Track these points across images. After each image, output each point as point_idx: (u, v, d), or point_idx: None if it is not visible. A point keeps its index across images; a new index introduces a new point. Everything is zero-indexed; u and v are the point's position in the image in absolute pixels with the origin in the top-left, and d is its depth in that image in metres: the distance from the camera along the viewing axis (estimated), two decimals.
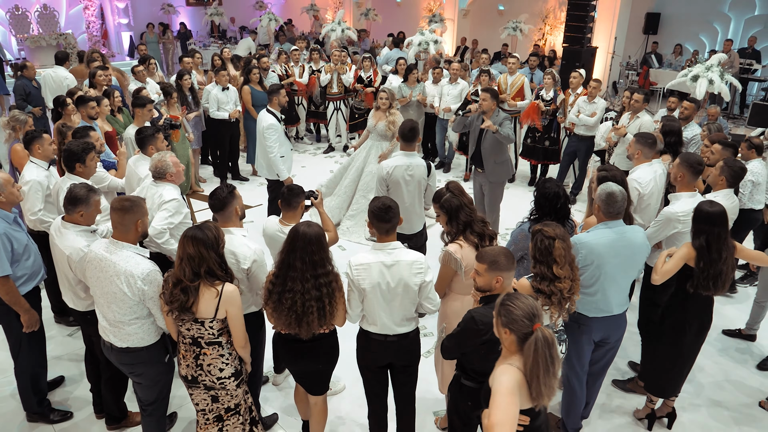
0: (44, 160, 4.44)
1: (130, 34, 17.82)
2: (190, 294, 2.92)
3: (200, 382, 3.12)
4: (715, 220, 3.41)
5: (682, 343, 3.66)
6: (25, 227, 3.83)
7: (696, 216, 3.49)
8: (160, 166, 3.91)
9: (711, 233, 3.41)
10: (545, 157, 8.25)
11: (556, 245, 3.01)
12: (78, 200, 3.39)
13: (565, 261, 3.03)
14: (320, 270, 3.00)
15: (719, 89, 7.45)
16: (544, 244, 3.04)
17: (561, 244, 3.02)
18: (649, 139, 4.40)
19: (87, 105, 5.60)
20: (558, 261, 3.01)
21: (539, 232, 3.09)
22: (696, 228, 3.48)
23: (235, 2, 20.04)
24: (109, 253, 3.12)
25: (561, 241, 3.02)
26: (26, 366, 3.83)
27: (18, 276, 3.61)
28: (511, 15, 15.17)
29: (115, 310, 3.14)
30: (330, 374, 3.45)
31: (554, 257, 3.01)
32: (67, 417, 4.03)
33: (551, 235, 3.03)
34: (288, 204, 3.59)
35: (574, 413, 3.82)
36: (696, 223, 3.48)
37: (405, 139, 4.68)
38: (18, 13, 15.85)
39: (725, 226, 3.44)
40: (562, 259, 3.02)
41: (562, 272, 3.02)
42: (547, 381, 2.28)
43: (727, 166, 4.07)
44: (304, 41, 10.74)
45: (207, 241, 2.92)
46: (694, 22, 14.29)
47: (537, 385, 2.29)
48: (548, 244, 3.02)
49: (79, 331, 4.92)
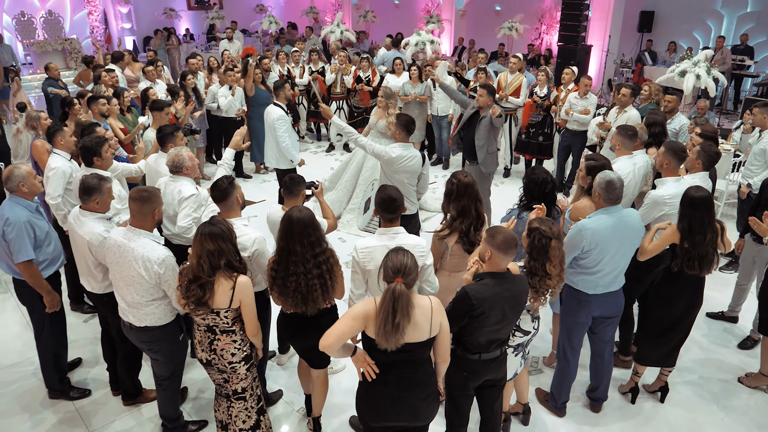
0: (66, 151, 4.74)
1: (134, 38, 18.11)
2: (207, 289, 3.10)
3: (214, 366, 3.35)
4: (698, 204, 3.62)
5: (671, 315, 3.91)
6: (46, 216, 4.10)
7: (682, 200, 3.70)
8: (176, 160, 4.16)
9: (694, 217, 3.63)
10: (539, 152, 8.49)
11: (553, 245, 3.16)
12: (92, 189, 3.66)
13: (558, 259, 3.20)
14: (317, 249, 3.22)
15: (706, 84, 7.69)
16: (541, 243, 3.17)
17: (556, 243, 3.17)
18: (629, 131, 4.65)
19: (98, 102, 5.89)
20: (552, 260, 3.18)
21: (537, 230, 3.19)
22: (681, 212, 3.70)
23: (235, 6, 20.33)
24: (128, 240, 3.38)
25: (557, 241, 3.18)
26: (48, 345, 4.10)
27: (40, 261, 3.88)
28: (508, 15, 15.41)
29: (133, 292, 3.40)
30: None
31: (549, 256, 3.18)
32: (86, 394, 4.30)
33: (549, 235, 3.16)
34: (290, 192, 3.84)
35: (566, 386, 4.06)
36: (682, 207, 3.70)
37: (408, 131, 4.92)
38: (24, 19, 16.17)
39: (709, 209, 3.66)
40: (556, 258, 3.19)
41: (554, 270, 3.19)
42: (385, 326, 2.63)
43: (703, 151, 4.32)
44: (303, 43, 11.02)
45: (223, 234, 3.10)
46: (687, 19, 14.52)
47: (377, 323, 2.66)
48: (545, 243, 3.16)
49: (93, 317, 5.22)
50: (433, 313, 2.77)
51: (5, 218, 3.76)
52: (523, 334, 3.50)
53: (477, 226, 3.67)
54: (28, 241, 3.77)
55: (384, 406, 2.92)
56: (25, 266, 3.78)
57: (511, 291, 3.02)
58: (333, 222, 4.04)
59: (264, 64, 9.16)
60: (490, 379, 3.24)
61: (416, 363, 2.86)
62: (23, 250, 3.75)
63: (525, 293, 3.12)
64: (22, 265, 3.77)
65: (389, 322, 2.62)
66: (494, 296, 2.95)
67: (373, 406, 2.96)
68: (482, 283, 3.01)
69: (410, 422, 2.97)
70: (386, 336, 2.65)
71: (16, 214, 3.77)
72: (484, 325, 2.99)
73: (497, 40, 14.92)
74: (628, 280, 3.84)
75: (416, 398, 2.90)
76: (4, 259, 3.90)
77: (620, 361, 4.58)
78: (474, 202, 3.70)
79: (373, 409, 2.96)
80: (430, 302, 2.79)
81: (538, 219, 3.31)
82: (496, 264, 3.00)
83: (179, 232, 4.08)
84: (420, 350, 2.82)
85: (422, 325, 2.74)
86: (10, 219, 3.74)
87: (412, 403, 2.91)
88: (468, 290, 2.97)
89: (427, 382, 2.93)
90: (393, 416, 2.93)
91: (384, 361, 2.83)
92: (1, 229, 3.77)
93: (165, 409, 3.81)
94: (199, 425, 3.99)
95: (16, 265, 3.80)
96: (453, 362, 3.17)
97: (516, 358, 3.58)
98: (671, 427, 4.09)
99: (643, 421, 4.13)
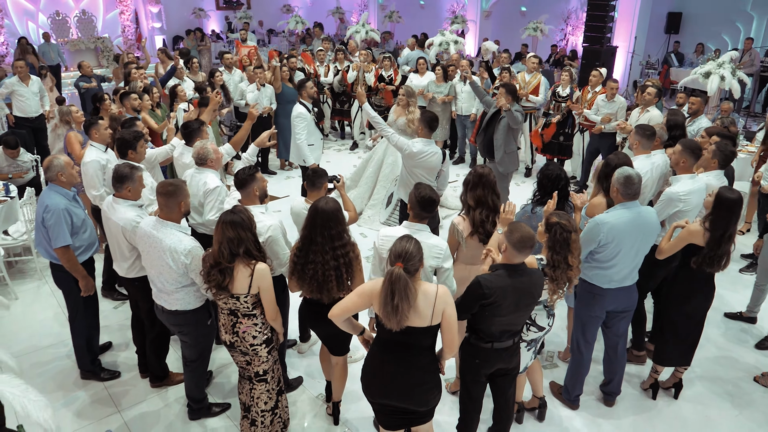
0: (101, 143, 4.96)
1: (163, 37, 18.52)
2: (226, 274, 3.27)
3: (237, 348, 3.51)
4: (731, 205, 3.66)
5: (687, 313, 3.97)
6: (83, 205, 4.32)
7: (717, 202, 3.70)
8: (201, 153, 4.34)
9: (723, 217, 3.66)
10: (560, 152, 8.53)
11: (573, 237, 3.28)
12: (124, 178, 3.87)
13: (578, 252, 3.32)
14: (338, 242, 3.34)
15: (730, 85, 7.66)
16: (563, 237, 3.28)
17: (576, 236, 3.30)
18: (648, 130, 4.69)
19: (130, 97, 6.14)
20: (573, 252, 3.29)
21: (557, 225, 3.30)
22: (716, 214, 3.69)
23: (263, 6, 20.65)
24: (156, 231, 3.57)
25: (576, 234, 3.31)
26: (82, 328, 4.32)
27: (76, 246, 4.10)
28: (533, 16, 15.40)
29: (163, 280, 3.59)
30: (349, 338, 3.80)
31: (571, 249, 3.29)
32: (116, 376, 4.50)
33: (569, 228, 3.28)
34: (312, 184, 4.00)
35: (579, 380, 4.14)
36: (717, 210, 3.69)
37: (430, 128, 5.03)
38: (58, 18, 16.67)
39: (739, 210, 3.71)
40: (577, 250, 3.31)
41: (576, 261, 3.31)
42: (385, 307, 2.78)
43: (719, 150, 4.37)
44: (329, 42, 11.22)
45: (243, 223, 3.27)
46: (716, 21, 14.36)
47: (380, 303, 2.81)
48: (566, 236, 3.28)
49: (123, 304, 5.45)
50: (437, 301, 2.85)
51: (45, 205, 3.99)
52: (537, 330, 3.59)
53: (493, 218, 3.77)
54: (66, 227, 3.98)
55: (379, 383, 3.06)
56: (63, 251, 4.00)
57: (525, 284, 3.12)
58: (354, 215, 4.18)
59: (291, 62, 9.37)
60: (502, 368, 3.35)
61: (416, 347, 2.96)
62: (61, 235, 3.96)
63: (538, 287, 3.21)
64: (60, 250, 3.99)
65: (388, 303, 2.76)
66: (506, 287, 3.06)
67: (370, 381, 3.10)
68: (495, 274, 3.12)
69: (401, 403, 3.05)
70: (387, 316, 2.79)
71: (55, 201, 3.99)
72: (496, 315, 3.10)
73: (522, 40, 14.93)
74: (641, 275, 3.91)
75: (412, 381, 3.00)
76: (43, 245, 4.12)
77: (633, 356, 4.64)
78: (490, 193, 3.79)
79: (369, 384, 3.11)
80: (435, 290, 2.88)
81: (557, 213, 3.40)
82: (511, 258, 3.10)
83: (208, 224, 4.26)
84: (420, 336, 2.91)
85: (424, 312, 2.84)
86: (50, 206, 3.97)
87: (406, 384, 3.00)
88: (480, 279, 3.09)
89: (426, 368, 3.01)
90: (387, 394, 3.05)
91: (387, 339, 2.97)
92: (41, 216, 3.99)
93: (191, 390, 4.00)
94: (222, 408, 4.16)
95: (54, 250, 4.02)
96: (466, 350, 3.30)
97: (528, 352, 3.67)
98: (684, 422, 4.14)
99: (656, 415, 4.18)
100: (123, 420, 4.09)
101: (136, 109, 6.22)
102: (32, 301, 5.62)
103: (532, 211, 4.04)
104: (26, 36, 14.65)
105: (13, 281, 5.80)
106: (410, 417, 3.16)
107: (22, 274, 6.12)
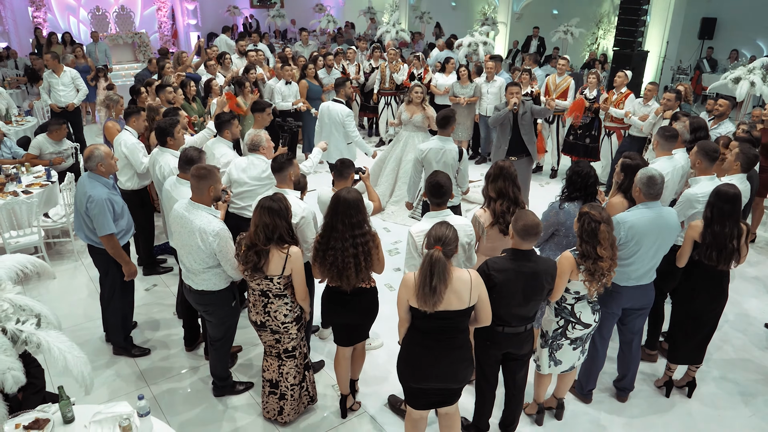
0: (136, 131, 5.30)
1: (198, 34, 18.93)
2: (262, 256, 3.46)
3: (267, 327, 3.69)
4: (723, 197, 3.75)
5: (693, 309, 4.02)
6: (119, 191, 4.55)
7: (713, 197, 3.82)
8: (255, 140, 4.63)
9: (717, 207, 3.75)
10: (585, 153, 8.54)
11: (601, 228, 3.36)
12: (192, 160, 4.15)
13: (608, 242, 3.39)
14: (357, 231, 3.48)
15: (761, 91, 7.60)
16: (591, 227, 3.38)
17: (606, 227, 3.37)
18: (668, 132, 4.74)
19: (165, 90, 6.40)
20: (602, 243, 3.37)
21: (586, 214, 3.40)
22: (707, 202, 3.84)
23: (296, 5, 20.94)
24: (188, 212, 3.75)
25: (606, 225, 3.38)
26: (119, 307, 4.56)
27: (116, 232, 4.30)
28: (564, 19, 15.35)
29: (192, 260, 3.78)
30: (368, 327, 3.96)
31: (599, 239, 3.37)
32: (146, 353, 4.73)
33: (598, 219, 3.37)
34: (340, 174, 4.15)
35: (593, 375, 4.22)
36: (709, 198, 3.84)
37: (439, 125, 5.21)
38: (98, 14, 17.18)
39: (734, 204, 3.76)
40: (606, 241, 3.38)
41: (605, 253, 3.38)
42: (423, 288, 2.91)
43: (742, 153, 4.40)
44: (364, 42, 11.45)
45: (280, 211, 3.46)
46: (751, 27, 14.14)
47: (416, 286, 2.96)
48: (594, 226, 3.37)
49: (155, 286, 5.70)
50: (473, 285, 3.04)
51: (88, 196, 4.19)
52: (583, 327, 3.66)
53: (514, 209, 3.85)
54: (110, 215, 4.21)
55: (425, 368, 3.19)
56: (108, 239, 4.23)
57: (530, 268, 3.26)
58: (378, 205, 4.34)
59: (328, 60, 9.60)
60: (512, 353, 3.49)
61: (455, 329, 3.13)
62: (106, 224, 4.19)
63: (546, 274, 3.32)
64: (105, 238, 4.22)
65: (427, 284, 2.90)
66: (509, 270, 3.23)
67: (415, 368, 3.22)
68: (502, 257, 3.31)
69: (449, 383, 3.23)
70: (425, 298, 2.93)
71: (98, 192, 4.20)
72: (503, 296, 3.24)
73: (552, 43, 14.91)
74: (660, 274, 3.96)
75: (454, 361, 3.17)
76: (83, 230, 4.34)
77: (646, 354, 4.69)
78: (511, 185, 3.90)
79: (415, 371, 3.23)
80: (470, 275, 3.05)
81: (588, 204, 3.51)
82: (517, 245, 3.27)
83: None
84: (458, 318, 3.09)
85: (463, 294, 3.02)
86: (93, 197, 4.17)
87: (450, 365, 3.17)
88: (487, 261, 3.29)
89: (464, 346, 3.20)
90: (432, 377, 3.19)
91: (424, 327, 3.12)
92: (85, 206, 4.21)
93: (216, 368, 4.19)
94: (246, 386, 4.34)
95: (100, 238, 4.24)
96: (479, 332, 3.45)
97: (575, 351, 3.75)
98: (696, 420, 4.18)
99: (668, 412, 4.24)
100: (152, 394, 4.31)
101: (170, 102, 6.46)
102: (69, 281, 5.90)
103: (560, 207, 4.12)
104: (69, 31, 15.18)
105: (51, 261, 6.09)
106: (444, 396, 3.34)
107: (60, 256, 6.42)
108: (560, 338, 3.70)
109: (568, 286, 3.57)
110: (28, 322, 2.67)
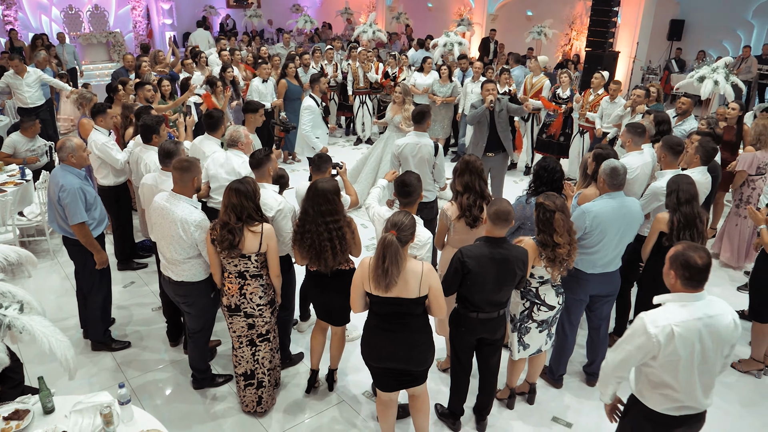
0: (105, 129, 5.35)
1: (173, 33, 18.80)
2: (236, 234, 3.57)
3: (242, 310, 3.78)
4: (684, 178, 3.96)
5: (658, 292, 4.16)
6: (92, 183, 4.58)
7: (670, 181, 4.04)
8: (234, 135, 4.70)
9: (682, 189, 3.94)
10: (560, 152, 8.75)
11: (556, 217, 3.51)
12: (171, 153, 4.23)
13: (564, 230, 3.53)
14: (328, 217, 3.65)
15: (723, 90, 7.87)
16: (546, 216, 3.54)
17: (560, 216, 3.52)
18: (638, 128, 4.91)
19: (144, 88, 6.41)
20: (557, 230, 3.52)
21: (541, 205, 3.56)
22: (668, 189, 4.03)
23: (272, 5, 20.92)
24: (170, 204, 3.81)
25: (560, 213, 3.52)
26: (98, 300, 4.58)
27: (89, 222, 4.34)
28: (539, 20, 15.59)
29: (173, 250, 3.83)
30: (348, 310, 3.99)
31: (554, 227, 3.52)
32: (126, 346, 4.76)
33: (552, 208, 3.52)
34: (318, 168, 4.26)
35: (563, 360, 4.37)
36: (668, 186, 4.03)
37: (414, 120, 5.34)
38: (71, 13, 16.97)
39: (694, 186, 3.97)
40: (561, 228, 3.52)
41: (561, 240, 3.53)
42: (376, 270, 3.06)
43: (701, 146, 4.60)
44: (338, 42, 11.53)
45: (247, 192, 3.58)
46: (717, 29, 14.55)
47: (371, 268, 3.10)
48: (549, 216, 3.53)
49: (132, 284, 5.71)
50: (423, 276, 3.15)
51: (60, 185, 4.23)
52: (548, 309, 3.81)
53: (480, 203, 3.99)
54: (81, 204, 4.24)
55: (381, 349, 3.34)
56: (79, 227, 4.26)
57: (502, 255, 3.39)
58: (354, 199, 4.45)
59: (304, 59, 9.67)
60: (486, 338, 3.61)
61: (408, 315, 3.25)
62: (77, 212, 4.22)
63: (517, 260, 3.45)
64: (77, 226, 4.24)
65: (379, 266, 3.05)
66: (482, 256, 3.36)
67: (372, 348, 3.39)
68: (475, 245, 3.44)
69: (400, 364, 3.35)
70: (378, 279, 3.07)
71: (70, 181, 4.24)
72: (476, 283, 3.38)
73: (526, 44, 15.15)
74: (626, 264, 4.12)
75: (412, 344, 3.30)
76: (57, 221, 4.37)
77: (613, 341, 4.82)
78: (477, 179, 4.03)
79: (371, 351, 3.40)
80: (422, 267, 3.17)
81: (544, 194, 3.65)
82: (491, 231, 3.40)
83: None
84: (411, 305, 3.21)
85: (412, 284, 3.14)
86: (65, 186, 4.21)
87: (407, 348, 3.30)
88: (462, 249, 3.41)
89: (421, 330, 3.33)
90: (390, 358, 3.33)
91: (382, 312, 3.27)
92: (57, 195, 4.24)
93: (195, 361, 4.24)
94: (225, 378, 4.40)
95: (71, 227, 4.26)
96: (454, 318, 3.58)
97: (541, 334, 3.89)
98: None
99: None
100: (131, 387, 4.34)
101: (148, 100, 6.49)
102: (44, 280, 5.88)
103: (527, 201, 4.26)
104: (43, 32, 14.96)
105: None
106: (407, 378, 3.44)
107: (35, 255, 6.35)
108: (527, 320, 3.84)
109: (532, 272, 3.71)
110: (11, 308, 2.71)
